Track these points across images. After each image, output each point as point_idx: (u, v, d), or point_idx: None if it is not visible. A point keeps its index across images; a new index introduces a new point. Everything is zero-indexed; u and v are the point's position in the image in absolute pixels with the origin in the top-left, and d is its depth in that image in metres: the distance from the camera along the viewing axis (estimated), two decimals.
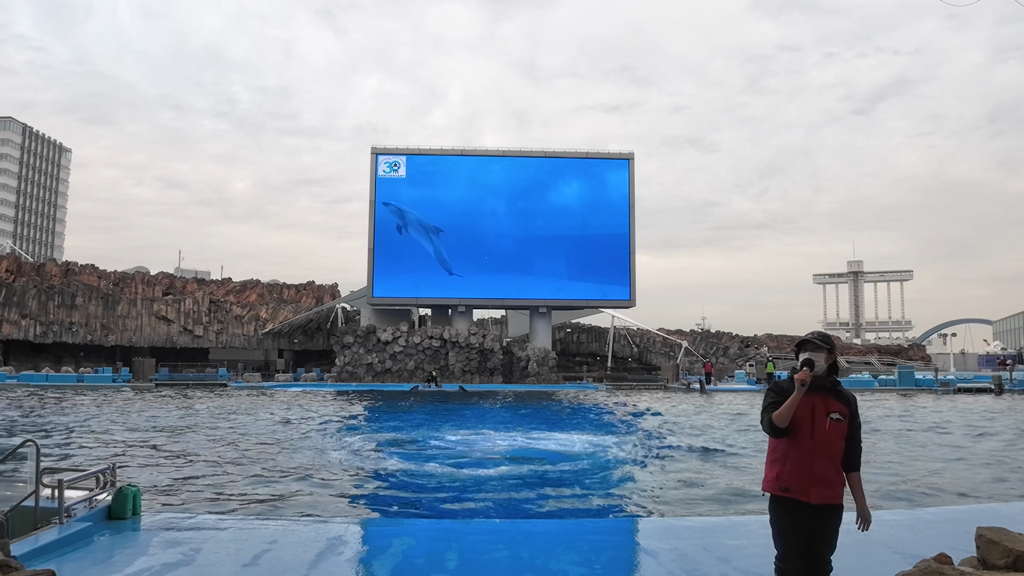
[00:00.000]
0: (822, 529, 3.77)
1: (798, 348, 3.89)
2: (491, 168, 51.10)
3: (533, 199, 51.19)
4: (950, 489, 10.69)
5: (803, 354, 3.81)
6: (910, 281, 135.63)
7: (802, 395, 3.70)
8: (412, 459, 13.65)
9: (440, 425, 20.28)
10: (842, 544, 3.85)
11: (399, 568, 5.53)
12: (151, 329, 54.87)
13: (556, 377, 48.80)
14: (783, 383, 3.87)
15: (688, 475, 11.81)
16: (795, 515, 3.75)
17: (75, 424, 19.48)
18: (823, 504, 3.73)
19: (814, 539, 3.76)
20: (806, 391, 3.73)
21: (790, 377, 3.80)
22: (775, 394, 3.85)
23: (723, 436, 17.62)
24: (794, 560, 3.76)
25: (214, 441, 16.02)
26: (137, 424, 19.56)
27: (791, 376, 3.79)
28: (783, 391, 3.81)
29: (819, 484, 3.73)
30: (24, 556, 4.98)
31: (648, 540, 6.65)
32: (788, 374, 3.90)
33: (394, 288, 49.45)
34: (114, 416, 22.05)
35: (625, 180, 51.26)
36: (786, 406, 3.72)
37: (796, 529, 3.75)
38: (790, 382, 3.80)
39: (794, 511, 3.76)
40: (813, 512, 3.74)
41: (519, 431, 18.56)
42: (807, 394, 3.75)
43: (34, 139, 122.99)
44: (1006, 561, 3.66)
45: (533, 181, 51.26)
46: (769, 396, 3.88)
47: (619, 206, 51.09)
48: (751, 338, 64.73)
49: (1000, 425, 20.82)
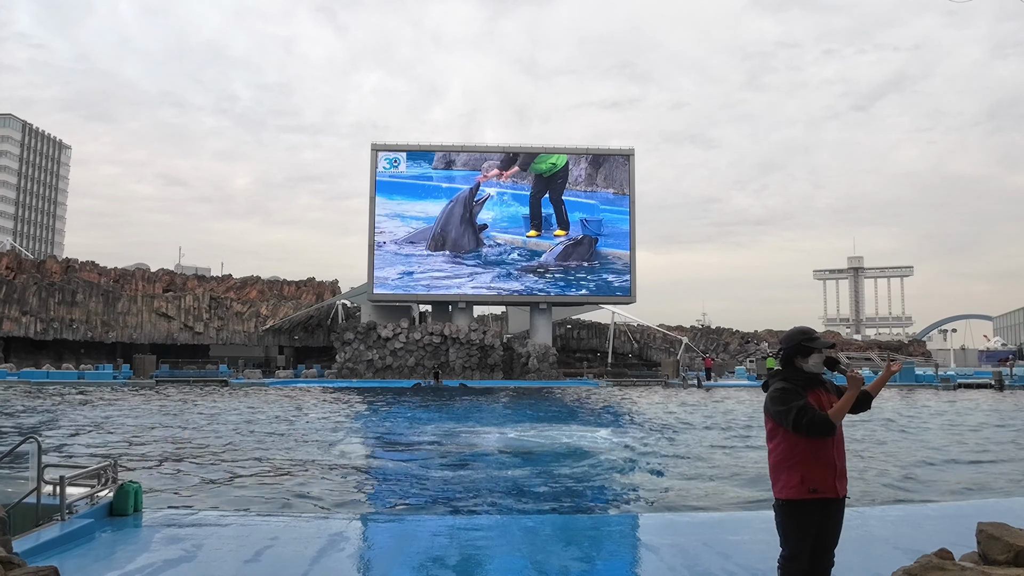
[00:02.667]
0: (835, 522, 3.78)
1: (805, 345, 3.85)
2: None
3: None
4: (951, 485, 10.70)
5: (824, 351, 3.83)
6: (910, 277, 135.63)
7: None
8: (412, 455, 13.67)
9: (441, 421, 20.30)
10: (844, 540, 3.86)
11: (400, 564, 5.53)
12: (152, 326, 54.89)
13: (556, 373, 48.81)
14: (796, 378, 3.79)
15: (688, 471, 11.81)
16: (816, 515, 3.71)
17: (76, 421, 19.50)
18: (843, 496, 3.78)
19: (827, 534, 3.75)
20: (812, 388, 3.75)
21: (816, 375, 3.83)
22: (797, 392, 3.72)
23: (721, 433, 17.63)
24: (805, 559, 3.73)
25: (215, 438, 16.03)
26: (138, 421, 19.57)
27: (828, 369, 3.83)
28: (800, 387, 3.76)
29: (841, 477, 3.76)
30: (26, 553, 4.99)
31: (648, 535, 6.66)
32: (813, 366, 3.84)
33: (394, 284, 49.43)
34: (115, 413, 22.07)
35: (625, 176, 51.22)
36: (844, 405, 3.66)
37: (815, 529, 3.71)
38: (803, 376, 3.79)
39: (815, 511, 3.70)
40: (829, 506, 3.73)
41: (519, 426, 18.58)
42: (814, 391, 3.76)
43: (34, 136, 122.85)
44: (1007, 557, 3.66)
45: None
46: (793, 395, 3.70)
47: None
48: (751, 334, 64.73)
49: (1002, 419, 20.84)
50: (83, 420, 19.74)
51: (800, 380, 3.77)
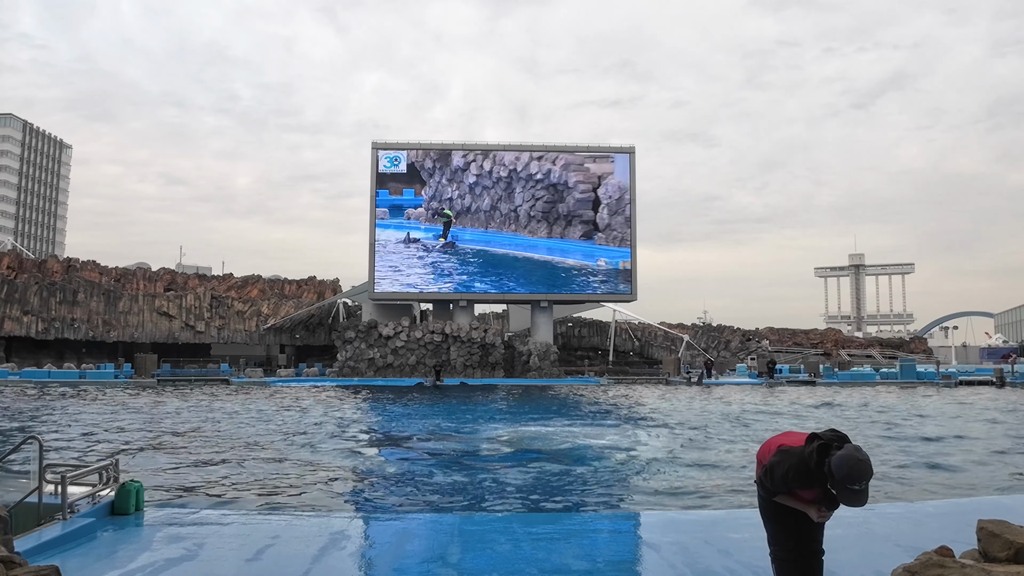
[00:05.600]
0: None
1: (849, 488, 3.40)
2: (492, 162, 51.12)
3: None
4: (951, 482, 10.70)
5: (851, 493, 3.42)
6: (911, 274, 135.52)
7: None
8: (413, 454, 13.68)
9: (441, 419, 20.31)
10: (844, 537, 3.87)
11: (402, 562, 5.54)
12: (153, 325, 54.91)
13: (557, 371, 48.81)
14: (807, 458, 3.53)
15: (688, 469, 11.81)
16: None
17: (78, 420, 19.52)
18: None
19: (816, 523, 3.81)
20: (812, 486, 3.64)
21: (814, 468, 3.52)
22: (797, 467, 3.56)
23: (720, 430, 17.63)
24: (795, 546, 3.84)
25: (216, 436, 16.04)
26: (140, 420, 19.59)
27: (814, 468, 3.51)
28: (804, 473, 3.55)
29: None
30: (28, 552, 5.00)
31: (649, 533, 6.66)
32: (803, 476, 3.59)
33: (395, 283, 49.45)
34: (116, 412, 22.09)
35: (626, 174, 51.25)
36: (793, 502, 3.72)
37: (807, 518, 3.77)
38: (815, 474, 3.52)
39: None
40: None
41: (519, 425, 18.58)
42: (812, 489, 3.62)
43: (35, 136, 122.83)
44: (1007, 554, 3.66)
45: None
46: (795, 469, 3.58)
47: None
48: (753, 331, 64.73)
49: (1001, 416, 20.83)
50: (84, 419, 19.76)
51: (810, 474, 3.55)
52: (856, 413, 22.34)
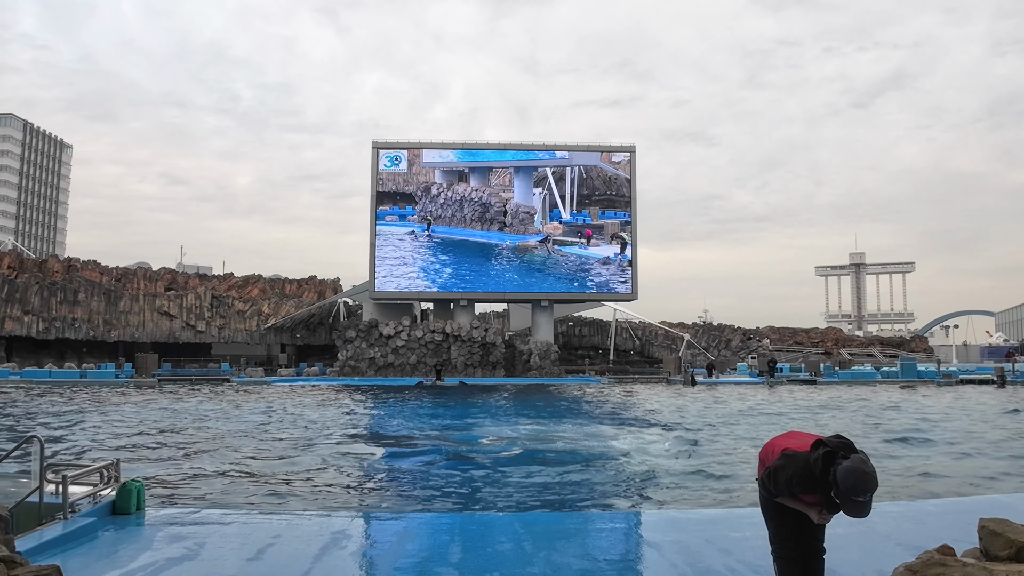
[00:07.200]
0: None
1: (853, 500, 3.38)
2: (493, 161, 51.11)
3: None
4: (952, 480, 10.69)
5: (855, 504, 3.40)
6: (912, 273, 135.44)
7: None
8: (414, 453, 13.68)
9: (442, 418, 20.32)
10: (845, 536, 3.86)
11: (403, 561, 5.53)
12: (153, 325, 54.93)
13: (558, 371, 48.80)
14: (812, 465, 3.52)
15: (688, 469, 11.81)
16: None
17: (79, 420, 19.52)
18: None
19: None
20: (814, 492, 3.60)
21: (817, 469, 3.50)
22: (801, 473, 3.55)
23: (720, 429, 17.63)
24: (797, 545, 3.82)
25: (217, 436, 16.05)
26: (140, 419, 19.60)
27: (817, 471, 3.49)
28: (810, 470, 3.52)
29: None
30: (29, 552, 5.00)
31: (650, 532, 6.66)
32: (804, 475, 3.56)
33: (396, 282, 49.43)
34: (117, 411, 22.10)
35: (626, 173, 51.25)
36: (795, 504, 3.69)
37: (809, 518, 3.76)
38: (819, 481, 3.50)
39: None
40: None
41: (520, 424, 18.59)
42: (815, 494, 3.59)
43: (35, 135, 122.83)
44: (1008, 552, 3.66)
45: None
46: (798, 475, 3.56)
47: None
48: (753, 330, 64.71)
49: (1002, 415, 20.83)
50: (85, 419, 19.77)
51: (813, 480, 3.52)
52: (856, 412, 22.34)
